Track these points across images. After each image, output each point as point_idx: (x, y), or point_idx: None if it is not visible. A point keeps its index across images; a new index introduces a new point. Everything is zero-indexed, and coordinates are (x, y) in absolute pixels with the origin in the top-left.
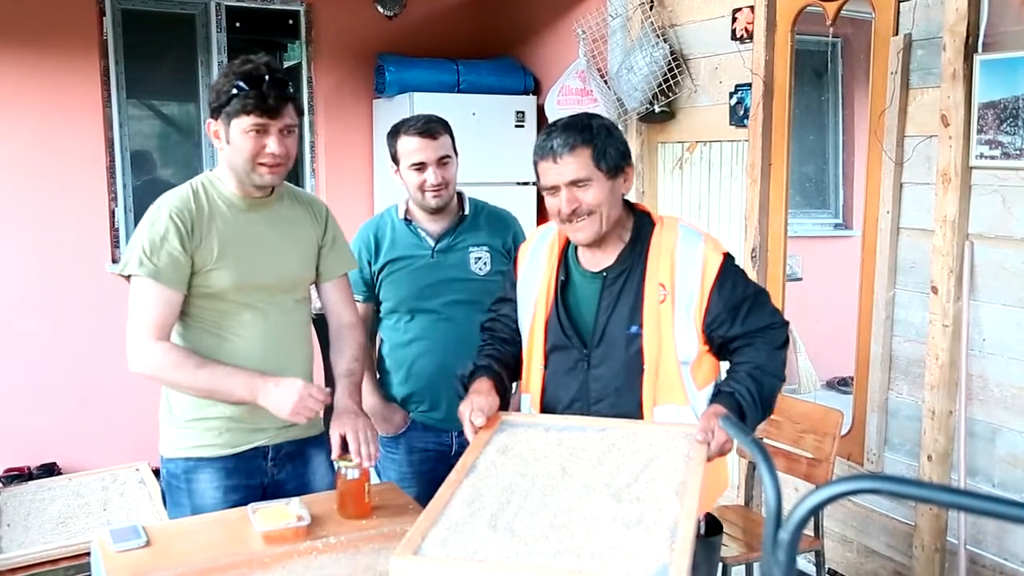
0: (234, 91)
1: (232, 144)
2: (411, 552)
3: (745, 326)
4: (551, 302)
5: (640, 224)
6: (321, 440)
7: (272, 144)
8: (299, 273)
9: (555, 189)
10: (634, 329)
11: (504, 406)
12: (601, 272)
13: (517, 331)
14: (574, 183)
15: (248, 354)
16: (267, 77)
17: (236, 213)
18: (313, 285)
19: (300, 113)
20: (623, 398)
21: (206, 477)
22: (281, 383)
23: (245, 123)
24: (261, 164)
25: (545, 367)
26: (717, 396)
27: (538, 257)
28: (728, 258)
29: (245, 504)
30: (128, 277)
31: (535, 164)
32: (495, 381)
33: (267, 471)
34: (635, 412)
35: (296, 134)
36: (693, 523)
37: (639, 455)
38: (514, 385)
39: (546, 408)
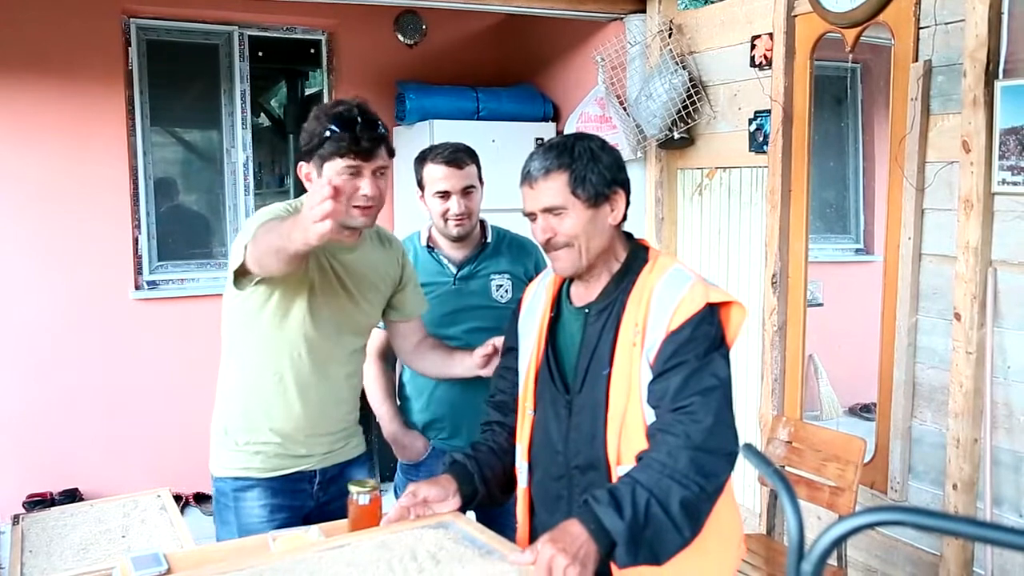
0: (327, 133)
1: None
2: None
3: (662, 390)
4: (543, 341)
5: (633, 258)
6: (362, 461)
7: (365, 186)
8: (367, 319)
9: (533, 216)
10: (606, 371)
11: (469, 504)
12: (584, 308)
13: (517, 384)
14: (549, 210)
15: (294, 389)
16: (360, 119)
17: (320, 257)
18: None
19: (391, 154)
20: (596, 451)
21: (253, 496)
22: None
23: (339, 165)
24: (355, 207)
25: (535, 411)
26: (584, 505)
27: (540, 293)
28: (710, 310)
29: (289, 525)
30: (236, 282)
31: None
32: (460, 480)
33: (312, 495)
34: (603, 468)
35: (388, 176)
36: None
37: None
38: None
39: (533, 460)
